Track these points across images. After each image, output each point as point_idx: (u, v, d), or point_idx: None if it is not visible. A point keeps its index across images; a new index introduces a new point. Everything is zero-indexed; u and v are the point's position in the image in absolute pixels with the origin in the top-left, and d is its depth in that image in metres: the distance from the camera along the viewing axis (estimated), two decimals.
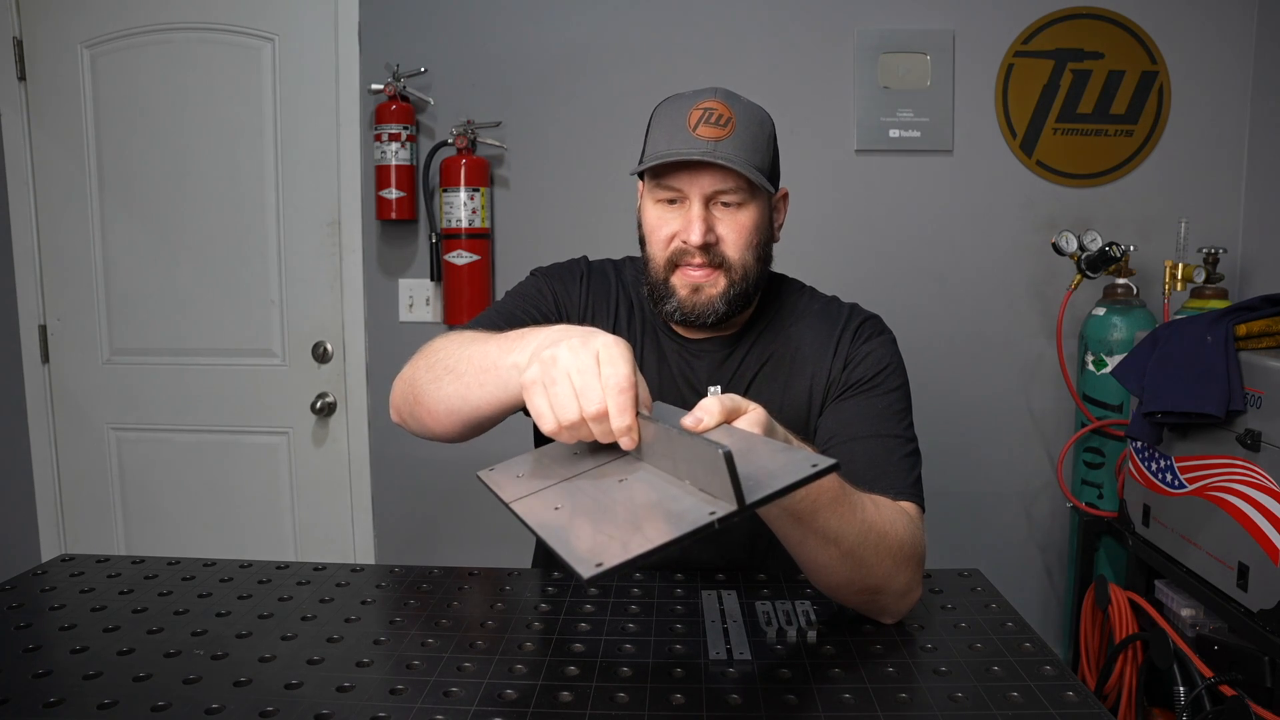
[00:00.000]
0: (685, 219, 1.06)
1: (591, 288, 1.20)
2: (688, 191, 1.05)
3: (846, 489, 0.86)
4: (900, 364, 1.13)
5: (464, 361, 0.93)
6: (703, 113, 1.03)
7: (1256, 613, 1.32)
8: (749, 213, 1.07)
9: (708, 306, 1.08)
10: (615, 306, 1.19)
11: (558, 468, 0.81)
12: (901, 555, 0.91)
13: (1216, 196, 2.08)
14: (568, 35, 2.13)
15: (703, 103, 1.04)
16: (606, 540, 0.63)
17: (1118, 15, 2.06)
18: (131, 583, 1.05)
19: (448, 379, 0.95)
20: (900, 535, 0.91)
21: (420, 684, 0.80)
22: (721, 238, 1.06)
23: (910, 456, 1.06)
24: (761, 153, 1.06)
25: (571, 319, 1.16)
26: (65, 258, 2.28)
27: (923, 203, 2.12)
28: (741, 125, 1.04)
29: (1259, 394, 1.35)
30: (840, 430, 1.07)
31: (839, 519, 0.85)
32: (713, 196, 1.05)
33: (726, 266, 1.07)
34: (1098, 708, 0.77)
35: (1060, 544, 2.18)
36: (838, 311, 1.17)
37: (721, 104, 1.04)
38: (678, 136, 1.03)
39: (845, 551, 0.87)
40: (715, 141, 1.02)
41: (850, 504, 0.86)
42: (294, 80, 2.18)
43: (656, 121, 1.09)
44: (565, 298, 1.19)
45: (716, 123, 1.03)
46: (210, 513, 2.32)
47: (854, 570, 0.89)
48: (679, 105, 1.06)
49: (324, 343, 2.24)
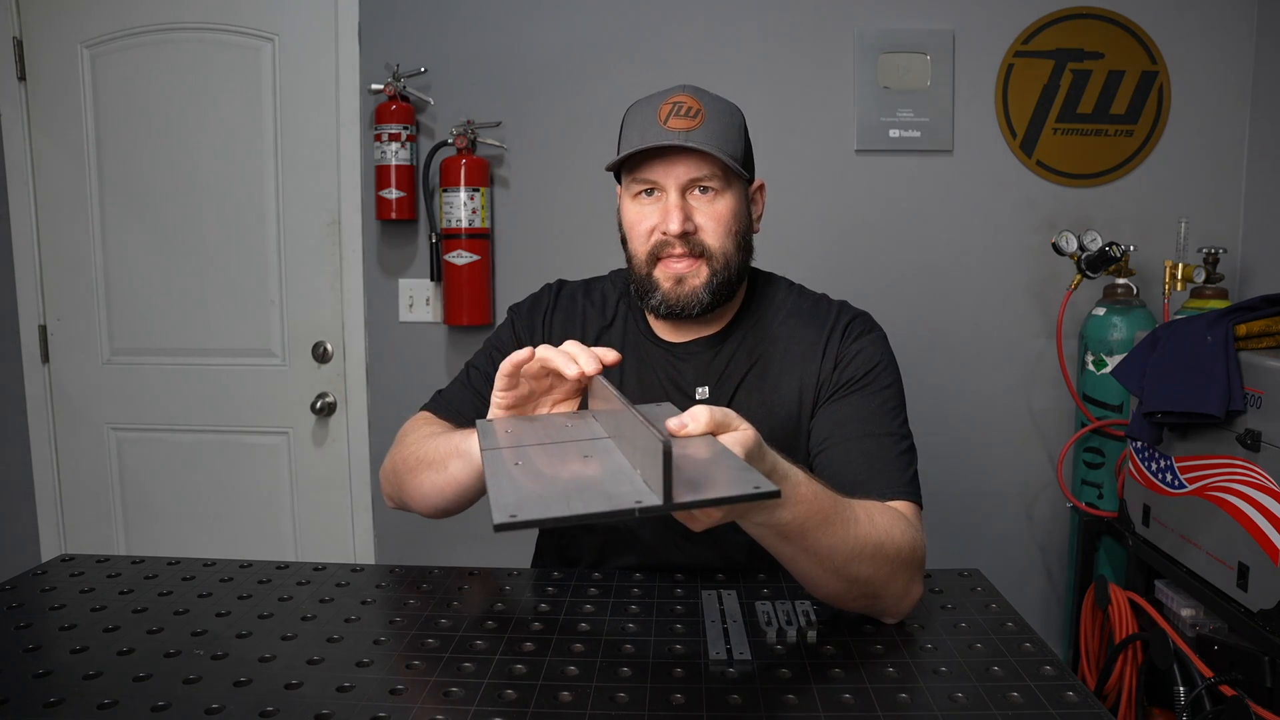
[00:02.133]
0: (663, 210, 1.07)
1: (557, 316, 1.22)
2: (663, 182, 1.07)
3: (839, 507, 0.85)
4: (891, 361, 1.13)
5: (432, 451, 1.04)
6: (672, 106, 1.05)
7: (1256, 613, 1.32)
8: (726, 200, 1.08)
9: (692, 297, 1.09)
10: (583, 327, 1.21)
11: (544, 433, 0.85)
12: (899, 561, 0.90)
13: (1216, 196, 2.08)
14: (568, 35, 2.13)
15: (672, 98, 1.07)
16: (536, 499, 0.66)
17: (1118, 15, 2.06)
18: (131, 583, 1.05)
19: (423, 470, 1.05)
20: (897, 542, 0.90)
21: (420, 684, 0.80)
22: (700, 226, 1.07)
23: (905, 454, 1.06)
24: (734, 141, 1.08)
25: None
26: (65, 258, 2.28)
27: (923, 203, 2.12)
28: (711, 115, 1.06)
29: (1259, 394, 1.35)
30: (834, 431, 1.07)
31: (830, 537, 0.84)
32: (689, 185, 1.07)
33: (708, 255, 1.08)
34: (1098, 708, 0.77)
35: (1060, 544, 2.18)
36: (826, 310, 1.17)
37: (690, 97, 1.06)
38: (650, 130, 1.05)
39: (838, 567, 0.86)
40: (687, 131, 1.04)
41: (842, 521, 0.85)
42: (294, 80, 2.18)
43: (628, 121, 1.11)
44: (529, 337, 1.21)
45: (686, 114, 1.05)
46: (210, 513, 2.32)
47: (849, 582, 0.88)
48: (648, 103, 1.08)
49: (324, 343, 2.25)
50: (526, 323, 1.23)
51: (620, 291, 1.23)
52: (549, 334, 1.20)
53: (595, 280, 1.27)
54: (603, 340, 1.19)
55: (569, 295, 1.24)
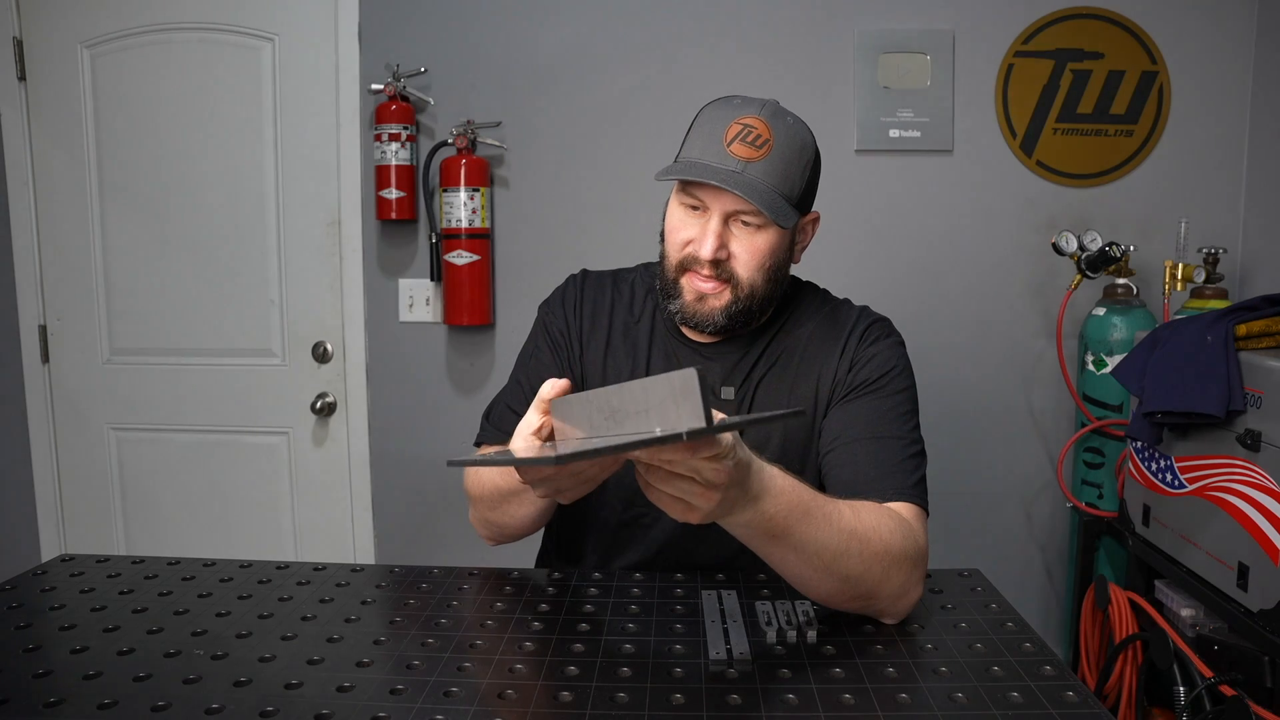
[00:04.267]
0: (701, 230, 1.06)
1: (583, 306, 1.21)
2: (709, 205, 1.05)
3: (818, 500, 0.87)
4: (907, 367, 1.13)
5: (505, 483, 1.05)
6: (742, 129, 1.03)
7: (1256, 613, 1.32)
8: (767, 236, 1.07)
9: (708, 316, 1.09)
10: (611, 318, 1.20)
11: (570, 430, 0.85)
12: (890, 559, 0.90)
13: (1216, 196, 2.08)
14: (568, 35, 2.13)
15: (744, 118, 1.04)
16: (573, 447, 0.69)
17: (1118, 15, 2.06)
18: (131, 583, 1.05)
19: (506, 504, 1.07)
20: (886, 539, 0.91)
21: (420, 684, 0.80)
22: (734, 255, 1.06)
23: (914, 458, 1.06)
24: (793, 180, 1.06)
25: (571, 345, 1.20)
26: (65, 258, 2.28)
27: (923, 203, 2.12)
28: (778, 149, 1.03)
29: (1259, 394, 1.35)
30: (843, 431, 1.07)
31: (814, 530, 0.85)
32: (733, 214, 1.05)
33: (734, 283, 1.07)
34: (1098, 708, 0.77)
35: (1060, 544, 2.18)
36: (847, 314, 1.18)
37: (763, 123, 1.04)
38: (711, 149, 1.04)
39: (827, 563, 0.87)
40: (746, 161, 1.02)
41: (823, 514, 0.86)
42: (294, 80, 2.18)
43: (699, 123, 1.08)
44: (560, 331, 1.21)
45: (753, 142, 1.02)
46: (210, 513, 2.32)
47: (841, 580, 0.89)
48: (723, 113, 1.06)
49: (324, 343, 2.25)
50: (560, 318, 1.21)
51: (648, 288, 1.22)
52: (580, 324, 1.20)
53: (624, 272, 1.26)
54: (630, 335, 1.19)
55: (595, 284, 1.23)
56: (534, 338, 1.24)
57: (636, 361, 1.18)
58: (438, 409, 2.22)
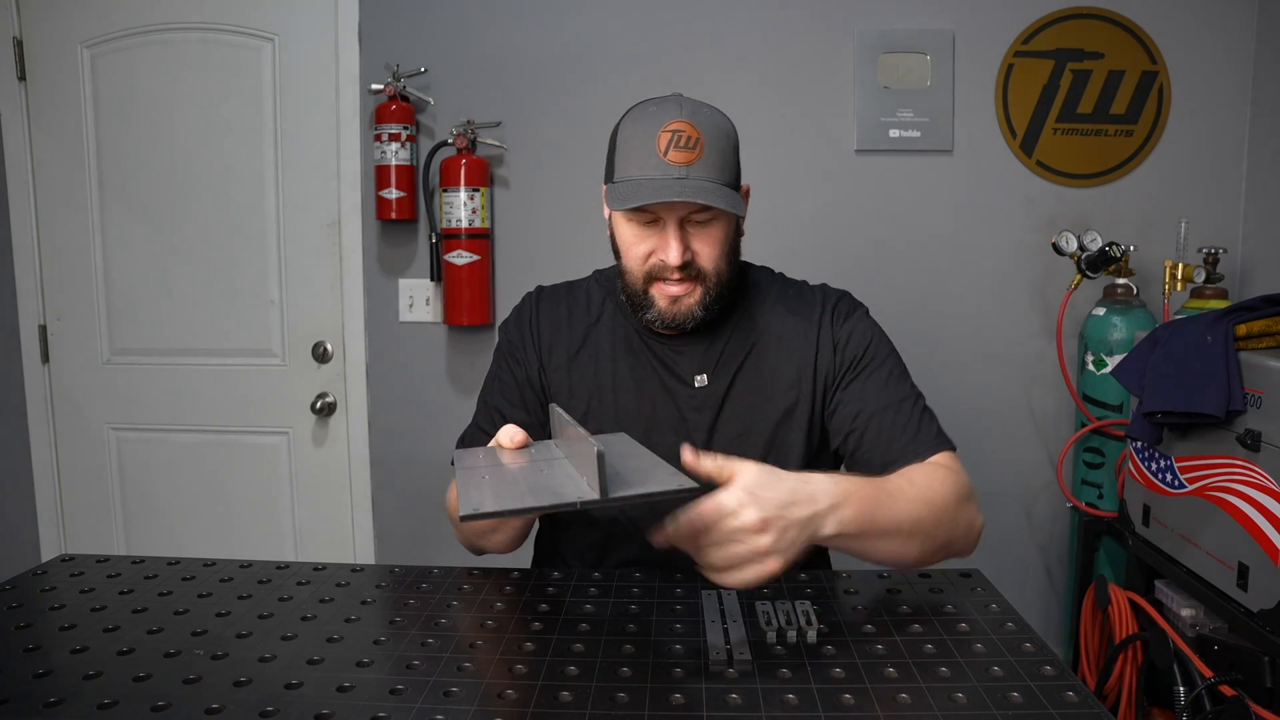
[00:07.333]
0: (661, 240, 1.09)
1: (539, 321, 1.24)
2: (663, 214, 1.08)
3: (880, 483, 0.96)
4: (880, 330, 1.21)
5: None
6: (672, 135, 1.05)
7: (1256, 613, 1.32)
8: (720, 225, 1.11)
9: (687, 314, 1.13)
10: (570, 326, 1.23)
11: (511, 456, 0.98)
12: (951, 507, 1.02)
13: (1216, 196, 2.08)
14: (568, 35, 2.13)
15: (670, 124, 1.05)
16: (493, 497, 0.80)
17: (1118, 15, 2.06)
18: (131, 583, 1.05)
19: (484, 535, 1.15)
20: (944, 491, 1.02)
21: (420, 684, 0.80)
22: (697, 253, 1.10)
23: (925, 410, 1.15)
24: (728, 166, 1.09)
25: (529, 360, 1.23)
26: (65, 258, 2.28)
27: (923, 203, 2.12)
28: (709, 144, 1.06)
29: (1259, 394, 1.35)
30: (862, 409, 1.14)
31: (891, 511, 0.94)
32: (686, 216, 1.08)
33: (702, 277, 1.11)
34: (1098, 708, 0.77)
35: (1060, 544, 2.18)
36: (811, 295, 1.23)
37: (688, 124, 1.05)
38: (649, 162, 1.05)
39: (909, 534, 0.97)
40: (687, 166, 1.04)
41: (888, 494, 0.96)
42: (294, 80, 2.18)
43: (624, 141, 1.10)
44: (522, 351, 1.23)
45: (686, 145, 1.05)
46: (210, 513, 2.32)
47: (924, 541, 1.00)
48: (646, 125, 1.07)
49: (324, 343, 2.24)
50: (517, 336, 1.24)
51: (606, 290, 1.25)
52: (538, 340, 1.23)
53: (578, 282, 1.29)
54: (591, 336, 1.21)
55: (550, 298, 1.26)
56: (496, 360, 1.27)
57: (600, 363, 1.20)
58: (438, 409, 2.22)
